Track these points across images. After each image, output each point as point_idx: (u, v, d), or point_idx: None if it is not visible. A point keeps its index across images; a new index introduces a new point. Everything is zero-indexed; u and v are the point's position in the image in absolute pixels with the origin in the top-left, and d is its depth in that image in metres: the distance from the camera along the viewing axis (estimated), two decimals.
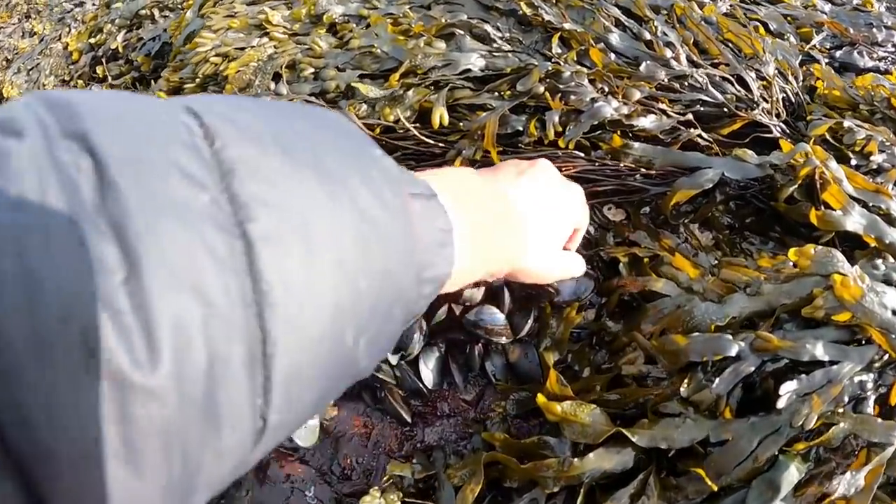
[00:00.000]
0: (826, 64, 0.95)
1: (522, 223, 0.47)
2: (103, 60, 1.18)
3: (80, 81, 1.23)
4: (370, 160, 0.27)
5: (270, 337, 0.20)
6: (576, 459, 0.65)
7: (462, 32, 0.81)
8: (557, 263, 0.60)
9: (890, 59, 1.00)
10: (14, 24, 1.52)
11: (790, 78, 0.88)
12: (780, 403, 0.65)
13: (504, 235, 0.44)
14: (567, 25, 0.81)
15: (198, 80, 0.90)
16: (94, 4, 1.42)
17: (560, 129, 0.76)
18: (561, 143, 0.76)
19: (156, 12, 1.16)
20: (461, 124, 0.77)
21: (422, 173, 0.39)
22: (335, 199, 0.23)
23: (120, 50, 1.18)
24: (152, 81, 1.02)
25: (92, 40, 1.25)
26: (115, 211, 0.17)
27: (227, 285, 0.18)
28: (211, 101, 0.24)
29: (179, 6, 1.16)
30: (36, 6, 1.54)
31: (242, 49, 0.88)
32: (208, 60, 0.88)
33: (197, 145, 0.20)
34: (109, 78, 1.17)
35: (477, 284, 0.59)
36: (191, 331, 0.18)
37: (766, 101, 0.83)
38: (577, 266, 0.67)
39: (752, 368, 0.67)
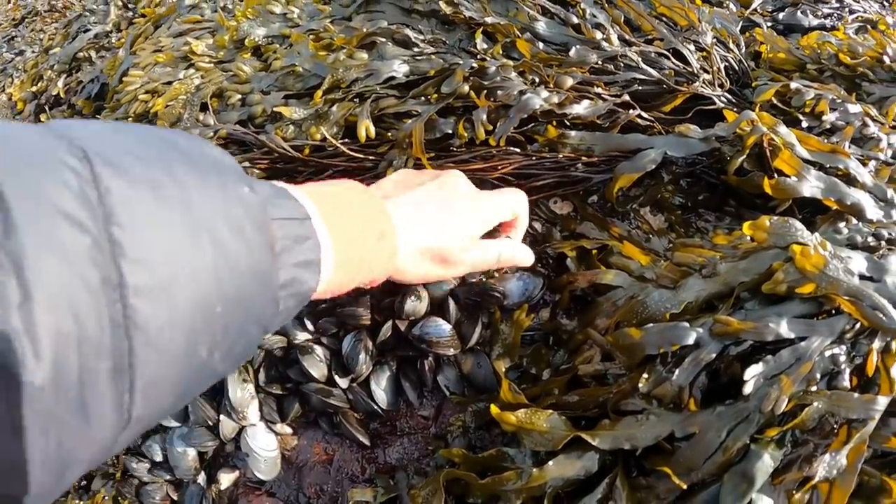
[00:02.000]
0: (769, 27, 0.87)
1: (393, 231, 0.47)
2: (46, 108, 1.13)
3: None
4: (235, 198, 0.29)
5: (134, 352, 0.23)
6: (535, 470, 0.58)
7: (383, 40, 0.75)
8: (448, 266, 0.55)
9: (835, 15, 0.92)
10: None
11: (731, 46, 0.80)
12: (747, 389, 0.58)
13: (374, 245, 0.44)
14: (489, 19, 0.75)
15: (130, 118, 0.84)
16: (33, 52, 1.37)
17: (490, 127, 0.69)
18: (492, 142, 0.69)
19: (93, 53, 1.11)
20: (389, 134, 0.71)
21: (303, 188, 0.40)
22: (197, 237, 0.26)
23: (62, 95, 1.13)
24: None
25: (34, 88, 1.20)
26: (16, 249, 0.20)
27: (100, 311, 0.22)
28: (100, 143, 0.25)
29: (115, 46, 1.11)
30: None
31: (170, 83, 0.82)
32: (138, 98, 0.83)
33: (84, 192, 0.23)
34: None
35: (357, 289, 0.53)
36: (66, 347, 0.21)
37: (707, 73, 0.76)
38: (490, 252, 0.59)
39: (714, 355, 0.60)
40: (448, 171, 0.58)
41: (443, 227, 0.52)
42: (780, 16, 0.89)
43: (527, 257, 0.63)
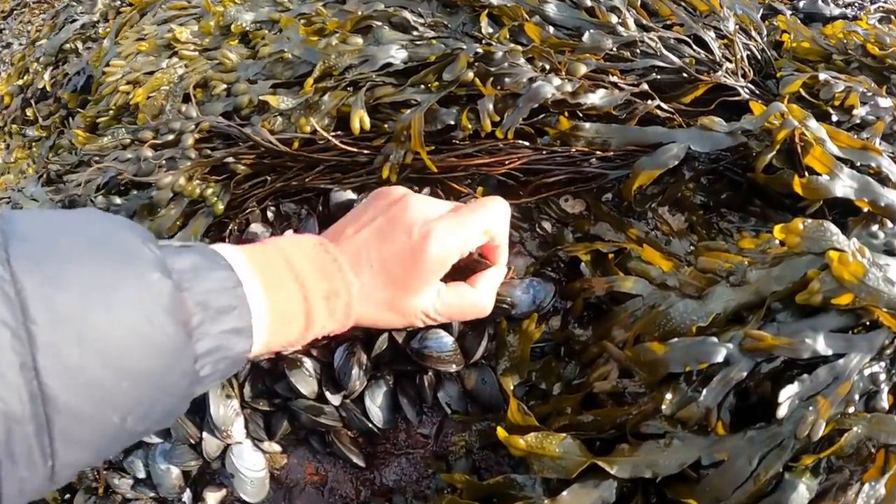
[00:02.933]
0: (790, 14, 0.78)
1: (347, 288, 0.44)
2: (32, 102, 1.04)
3: (13, 126, 1.08)
4: (145, 287, 0.31)
5: (50, 418, 0.27)
6: (547, 500, 0.50)
7: (380, 23, 0.66)
8: (419, 313, 0.49)
9: (857, 4, 0.83)
10: None
11: (753, 33, 0.71)
12: (781, 412, 0.50)
13: (323, 305, 0.43)
14: (496, 1, 0.65)
15: (111, 111, 0.75)
16: (21, 44, 1.27)
17: (497, 117, 0.60)
18: (499, 134, 0.60)
19: (79, 45, 1.02)
20: (386, 126, 0.62)
21: (247, 250, 0.40)
22: (105, 326, 0.29)
23: (48, 88, 1.03)
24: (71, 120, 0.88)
25: (20, 81, 1.10)
26: None
27: (20, 389, 0.26)
28: (22, 246, 0.29)
29: (101, 36, 1.01)
30: None
31: (152, 73, 0.72)
32: (118, 90, 0.74)
33: (6, 292, 0.27)
34: (40, 119, 1.02)
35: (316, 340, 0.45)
36: None
37: (730, 61, 0.67)
38: (473, 299, 0.51)
39: (745, 374, 0.52)
40: (401, 200, 0.49)
41: (399, 279, 0.47)
42: (801, 4, 0.80)
43: (479, 305, 0.52)
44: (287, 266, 0.41)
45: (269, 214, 0.68)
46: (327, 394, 0.58)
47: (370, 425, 0.59)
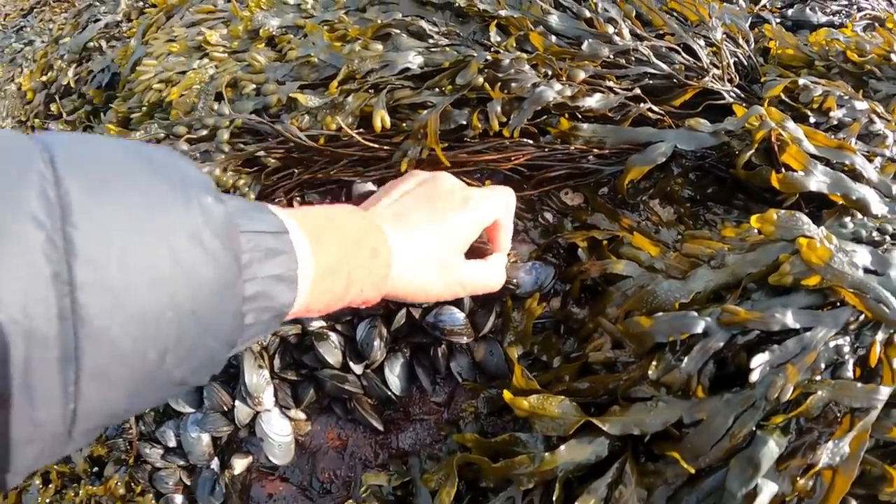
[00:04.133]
0: (778, 23, 0.90)
1: (387, 250, 0.47)
2: (56, 97, 1.15)
3: (36, 120, 1.20)
4: (197, 207, 0.30)
5: (80, 345, 0.25)
6: (547, 454, 0.61)
7: (398, 31, 0.78)
8: (454, 281, 0.55)
9: (844, 12, 0.95)
10: None
11: (741, 41, 0.83)
12: (754, 377, 0.61)
13: (365, 263, 0.45)
14: (503, 12, 0.77)
15: (144, 108, 0.87)
16: (43, 42, 1.39)
17: (504, 118, 0.72)
18: (506, 133, 0.71)
19: (103, 43, 1.13)
20: (404, 125, 0.73)
21: (291, 210, 0.41)
22: (152, 242, 0.28)
23: (72, 85, 1.15)
24: (104, 114, 0.99)
25: (44, 78, 1.22)
26: None
27: (48, 302, 0.24)
28: (68, 149, 0.28)
29: (126, 35, 1.13)
30: None
31: (184, 73, 0.84)
32: (152, 88, 0.85)
33: (45, 192, 0.25)
34: (64, 114, 1.14)
35: (354, 309, 0.55)
36: (12, 334, 0.23)
37: (717, 68, 0.79)
38: (491, 274, 0.60)
39: (721, 344, 0.63)
40: (434, 174, 0.57)
41: (441, 242, 0.52)
42: (789, 12, 0.92)
43: (497, 277, 0.61)
44: (331, 224, 0.43)
45: (295, 204, 0.80)
46: (351, 364, 0.69)
47: (389, 393, 0.70)
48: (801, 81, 0.79)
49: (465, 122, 0.73)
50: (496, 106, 0.70)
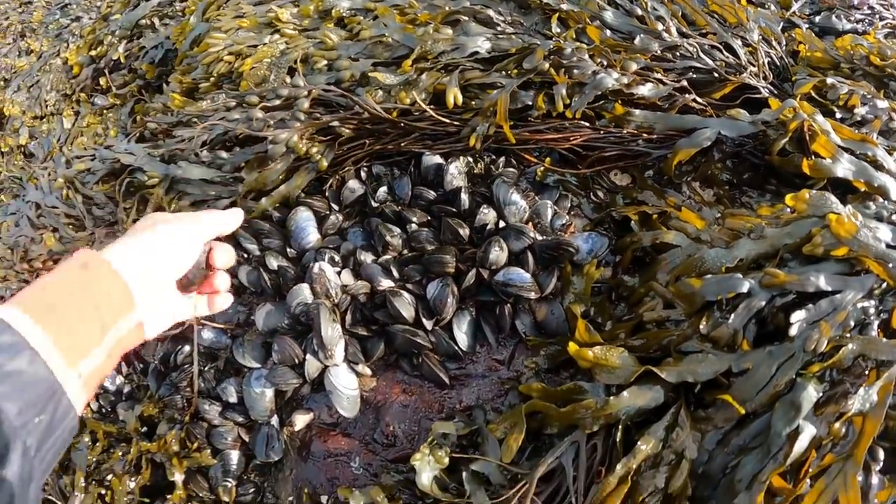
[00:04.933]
0: (807, 28, 1.07)
1: (99, 263, 0.52)
2: (106, 72, 1.26)
3: (82, 94, 1.30)
4: None
5: None
6: (612, 398, 0.74)
7: (467, 18, 0.92)
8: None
9: (867, 20, 1.13)
10: (9, 43, 1.60)
11: (774, 43, 0.99)
12: (793, 331, 0.75)
13: (119, 322, 0.50)
14: (564, 6, 0.92)
15: (212, 79, 0.99)
16: (90, 18, 1.50)
17: (567, 101, 0.86)
18: (568, 115, 0.86)
19: (156, 21, 1.24)
20: (473, 103, 0.87)
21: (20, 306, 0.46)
22: None
23: (122, 60, 1.26)
24: (163, 86, 1.10)
25: (93, 53, 1.32)
26: None
27: None
28: None
29: (180, 14, 1.24)
30: (30, 25, 1.61)
31: (254, 47, 0.97)
32: (222, 59, 0.97)
33: None
34: (114, 88, 1.24)
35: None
36: None
37: (753, 66, 0.95)
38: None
39: (763, 303, 0.77)
40: (144, 220, 0.60)
41: (163, 274, 0.56)
42: (817, 19, 1.09)
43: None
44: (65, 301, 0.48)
45: (363, 174, 0.92)
46: (423, 319, 0.81)
47: (456, 348, 0.81)
48: (829, 81, 0.96)
49: (530, 103, 0.86)
50: (562, 89, 0.85)
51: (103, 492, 0.95)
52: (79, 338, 0.47)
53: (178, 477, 0.91)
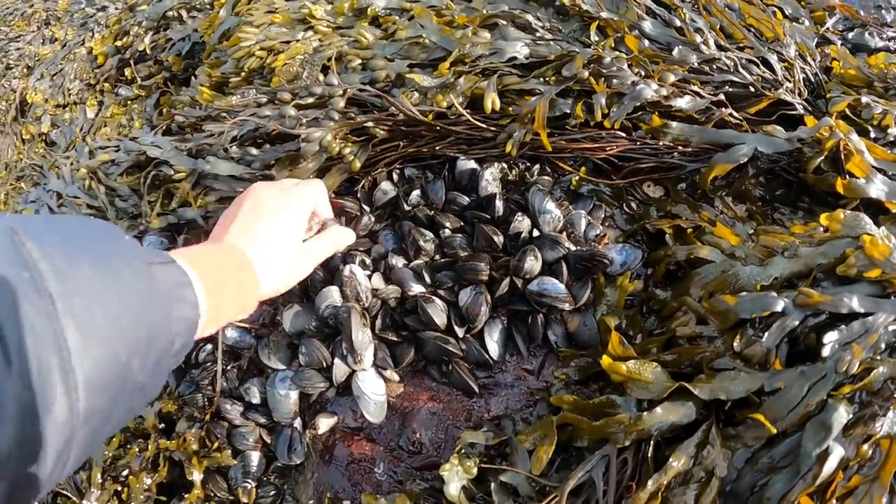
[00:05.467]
0: (840, 45, 1.08)
1: (248, 262, 0.66)
2: (131, 62, 1.25)
3: (106, 84, 1.29)
4: (143, 274, 0.46)
5: (71, 354, 0.37)
6: (645, 413, 0.75)
7: (505, 22, 0.92)
8: (304, 261, 0.74)
9: None
10: (33, 31, 1.58)
11: (809, 59, 1.00)
12: (825, 352, 0.76)
13: (237, 277, 0.63)
14: (604, 14, 0.92)
15: (242, 73, 0.98)
16: (116, 8, 1.48)
17: (605, 110, 0.86)
18: (607, 124, 0.86)
19: (183, 13, 1.23)
20: (510, 109, 0.87)
21: (187, 256, 0.56)
22: (108, 285, 0.42)
23: (148, 51, 1.24)
24: (190, 79, 1.09)
25: (118, 43, 1.31)
26: None
27: (45, 331, 0.36)
28: (30, 227, 0.40)
29: (208, 6, 1.23)
30: (55, 13, 1.60)
31: (287, 43, 0.96)
32: (253, 54, 0.97)
33: (24, 258, 0.38)
34: (139, 79, 1.23)
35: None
36: (27, 354, 0.35)
37: (789, 81, 0.95)
38: (328, 245, 0.78)
39: (797, 322, 0.78)
40: (253, 187, 0.75)
41: (281, 245, 0.70)
42: (850, 35, 1.10)
43: (350, 236, 0.81)
44: (214, 265, 0.60)
45: (395, 176, 0.92)
46: (455, 327, 0.81)
47: (486, 357, 0.82)
48: (864, 99, 0.97)
49: (568, 111, 0.87)
50: (601, 98, 0.85)
51: (119, 488, 0.94)
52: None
53: (197, 476, 0.91)
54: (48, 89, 1.36)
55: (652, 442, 0.75)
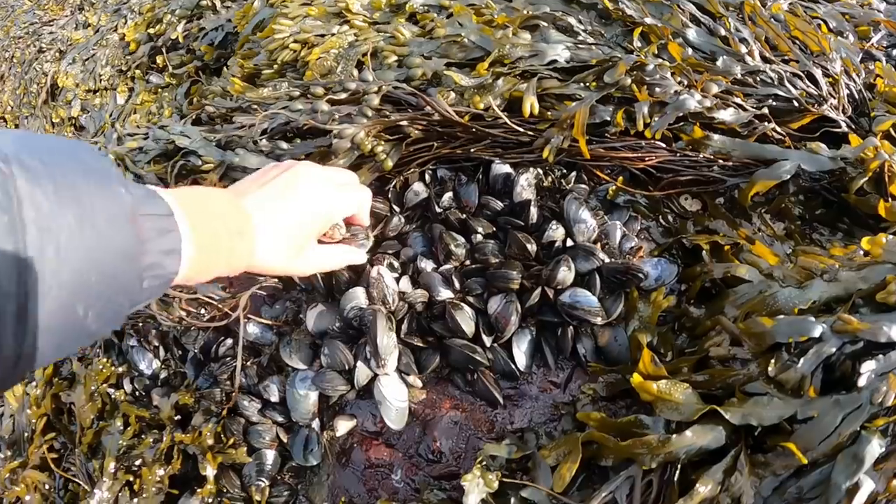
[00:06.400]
0: (885, 62, 1.06)
1: (251, 230, 0.63)
2: (163, 50, 1.24)
3: (137, 71, 1.28)
4: (113, 197, 0.44)
5: (29, 300, 0.38)
6: (674, 436, 0.74)
7: (546, 24, 0.90)
8: (303, 260, 0.72)
9: None
10: (66, 16, 1.58)
11: (853, 75, 0.98)
12: (861, 381, 0.75)
13: (233, 241, 0.60)
14: (648, 20, 0.91)
15: (275, 66, 0.97)
16: None
17: (647, 119, 0.85)
18: (647, 134, 0.85)
19: (217, 3, 1.23)
20: (549, 113, 0.86)
21: (173, 192, 0.54)
22: (81, 225, 0.41)
23: (180, 40, 1.24)
24: (222, 69, 1.08)
25: (151, 30, 1.31)
26: None
27: (10, 271, 0.36)
28: (18, 150, 0.40)
29: None
30: None
31: (322, 36, 0.95)
32: (287, 47, 0.96)
33: (6, 189, 0.37)
34: (170, 67, 1.22)
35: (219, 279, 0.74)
36: None
37: (834, 97, 0.94)
38: (334, 258, 0.78)
39: (834, 349, 0.77)
40: (299, 165, 0.72)
41: (292, 227, 0.68)
42: (894, 52, 1.08)
43: (346, 259, 0.80)
44: (206, 206, 0.57)
45: (427, 177, 0.91)
46: (483, 335, 0.80)
47: (513, 367, 0.81)
48: None
49: (608, 119, 0.85)
50: (644, 107, 0.84)
51: (131, 479, 0.95)
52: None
53: (210, 472, 0.91)
54: (79, 74, 1.36)
55: (679, 465, 0.74)
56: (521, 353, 0.81)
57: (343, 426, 0.87)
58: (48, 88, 1.37)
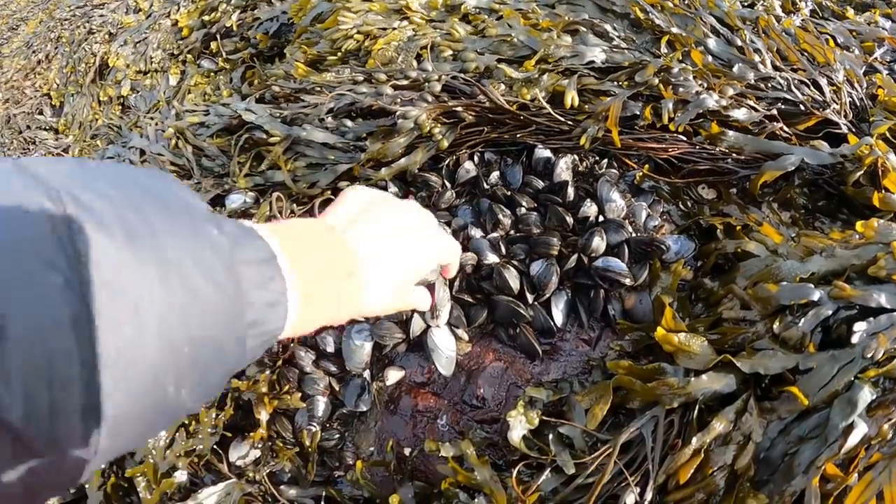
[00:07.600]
0: (887, 74, 1.31)
1: (361, 272, 0.57)
2: (217, 37, 1.46)
3: (189, 56, 1.51)
4: (205, 240, 0.37)
5: (102, 390, 0.30)
6: (693, 378, 0.95)
7: (585, 29, 1.14)
8: (402, 302, 0.69)
9: None
10: (118, 1, 1.81)
11: (856, 85, 1.22)
12: (855, 339, 0.96)
13: (340, 285, 0.54)
14: (674, 30, 1.15)
15: (339, 53, 1.20)
16: None
17: (671, 115, 1.08)
18: (671, 128, 1.08)
19: None
20: (586, 107, 1.09)
21: (268, 227, 0.48)
22: (166, 277, 0.33)
23: (234, 28, 1.46)
24: (277, 56, 1.30)
25: (205, 18, 1.54)
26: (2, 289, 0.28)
27: (70, 350, 0.28)
28: (72, 184, 0.32)
29: None
30: None
31: (383, 29, 1.18)
32: (351, 37, 1.19)
33: (57, 233, 0.30)
34: (223, 53, 1.45)
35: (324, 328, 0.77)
36: (36, 384, 0.27)
37: (836, 103, 1.18)
38: (422, 303, 0.76)
39: (830, 312, 0.98)
40: (406, 204, 0.69)
41: (402, 271, 0.64)
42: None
43: (425, 305, 0.77)
44: (309, 246, 0.50)
45: (475, 158, 1.13)
46: (526, 293, 1.01)
47: (552, 324, 1.02)
48: None
49: (637, 113, 1.08)
50: (669, 104, 1.07)
51: (187, 421, 1.13)
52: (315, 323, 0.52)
53: (264, 415, 1.09)
54: (130, 55, 1.58)
55: (696, 407, 0.95)
56: (558, 312, 1.02)
57: (393, 376, 1.07)
58: (97, 68, 1.57)
